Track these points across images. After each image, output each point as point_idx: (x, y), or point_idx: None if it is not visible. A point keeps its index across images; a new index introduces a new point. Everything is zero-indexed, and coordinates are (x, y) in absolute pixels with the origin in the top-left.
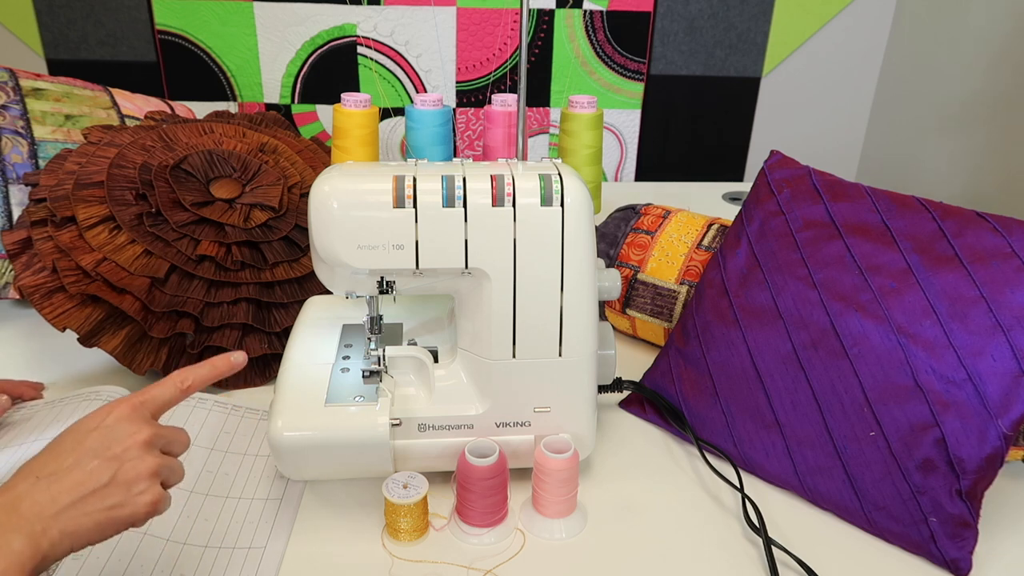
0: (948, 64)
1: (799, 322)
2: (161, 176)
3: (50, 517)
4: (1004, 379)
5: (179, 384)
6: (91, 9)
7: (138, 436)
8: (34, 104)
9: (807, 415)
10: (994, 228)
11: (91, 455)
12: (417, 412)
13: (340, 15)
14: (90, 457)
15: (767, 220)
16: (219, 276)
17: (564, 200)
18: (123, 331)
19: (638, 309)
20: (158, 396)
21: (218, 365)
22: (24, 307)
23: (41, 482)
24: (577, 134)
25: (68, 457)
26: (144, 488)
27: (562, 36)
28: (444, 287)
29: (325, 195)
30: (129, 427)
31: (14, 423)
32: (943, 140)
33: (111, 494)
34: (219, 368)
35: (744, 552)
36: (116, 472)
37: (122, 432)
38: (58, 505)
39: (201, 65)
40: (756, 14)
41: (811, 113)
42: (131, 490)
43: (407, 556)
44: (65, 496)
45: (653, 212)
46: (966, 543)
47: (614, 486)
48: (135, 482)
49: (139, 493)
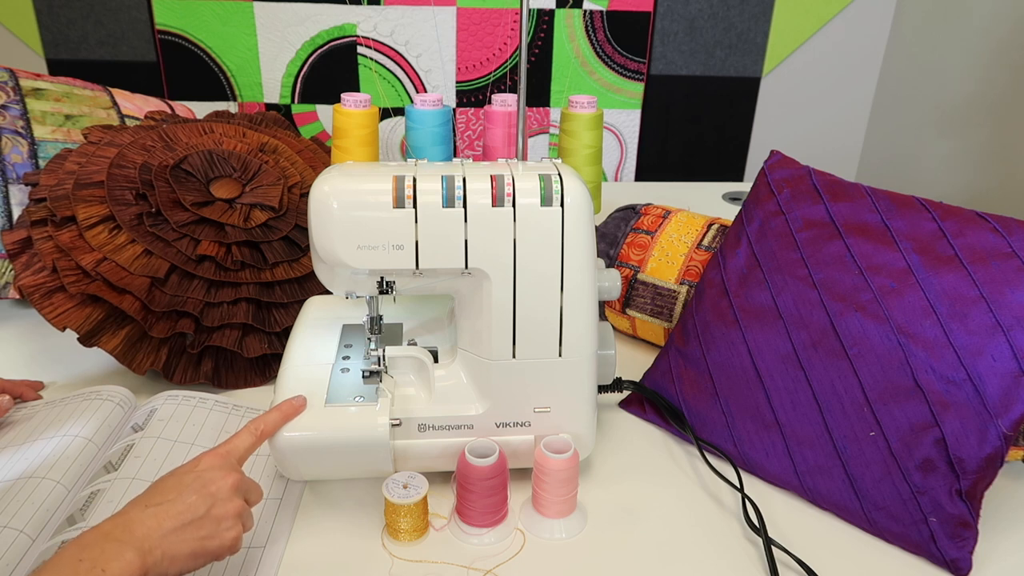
0: (948, 64)
1: (799, 322)
2: (161, 176)
3: (156, 539)
4: (1004, 379)
5: (255, 432)
6: (91, 9)
7: (228, 479)
8: (34, 104)
9: (807, 415)
10: (994, 228)
11: (190, 491)
12: (417, 412)
13: (340, 15)
14: (190, 493)
15: (767, 220)
16: (219, 276)
17: (564, 200)
18: (123, 331)
19: (638, 309)
20: (239, 445)
21: (285, 410)
22: (24, 307)
23: (150, 509)
24: (577, 134)
25: (171, 492)
26: (230, 525)
27: (562, 36)
28: (444, 287)
29: (325, 195)
30: (220, 472)
31: (14, 423)
32: (943, 140)
33: (205, 525)
34: (286, 413)
35: (744, 552)
36: (211, 507)
37: (215, 475)
38: (163, 529)
39: (201, 65)
40: (756, 14)
41: (811, 113)
42: (220, 525)
43: (407, 556)
44: (169, 522)
45: (653, 212)
46: (966, 543)
47: (614, 486)
48: (224, 518)
49: (227, 529)
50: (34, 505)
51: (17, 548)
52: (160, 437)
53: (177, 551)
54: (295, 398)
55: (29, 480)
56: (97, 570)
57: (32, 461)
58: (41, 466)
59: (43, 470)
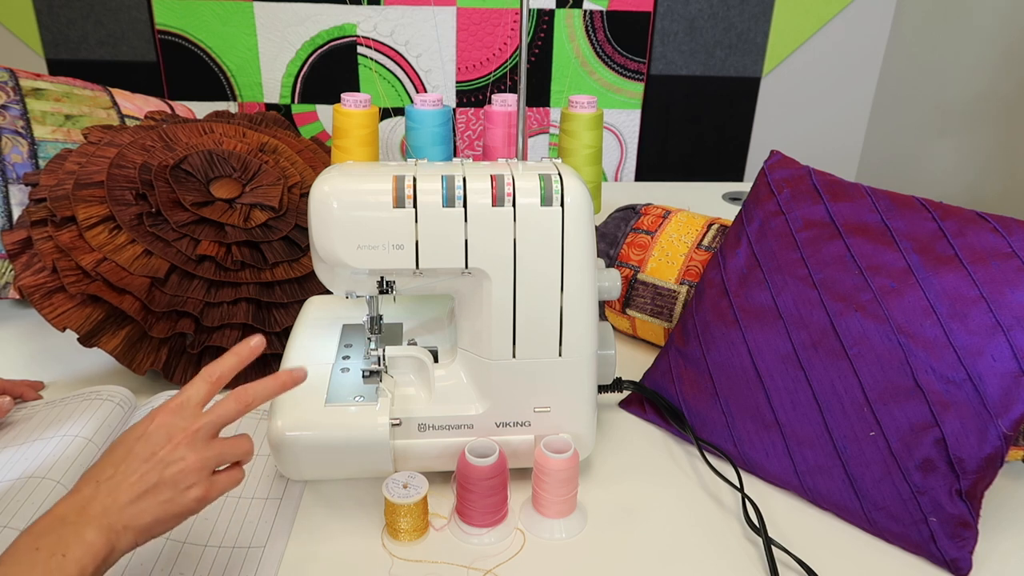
0: (948, 64)
1: (799, 322)
2: (161, 176)
3: (115, 513)
4: (1004, 379)
5: (208, 378)
6: (91, 9)
7: (177, 437)
8: (34, 104)
9: (807, 415)
10: (994, 228)
11: (139, 460)
12: (417, 412)
13: (340, 15)
14: (139, 462)
15: (767, 220)
16: (219, 276)
17: (564, 200)
18: (123, 331)
19: (638, 309)
20: (193, 395)
21: (283, 379)
22: (24, 307)
23: (102, 485)
24: (577, 134)
25: (121, 464)
26: (192, 482)
27: (562, 36)
28: (444, 287)
29: (325, 195)
30: (170, 430)
31: (14, 423)
32: (943, 140)
33: (163, 491)
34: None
35: (744, 552)
36: (163, 471)
37: (163, 437)
38: (119, 504)
39: (201, 65)
40: (756, 14)
41: (811, 113)
42: (179, 485)
43: (407, 556)
44: (124, 496)
45: (653, 212)
46: (966, 543)
47: (614, 486)
48: (182, 478)
49: (188, 487)
50: (34, 505)
51: None
52: None
53: (139, 522)
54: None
55: (29, 480)
56: (57, 556)
57: (32, 461)
58: (41, 466)
59: (43, 470)
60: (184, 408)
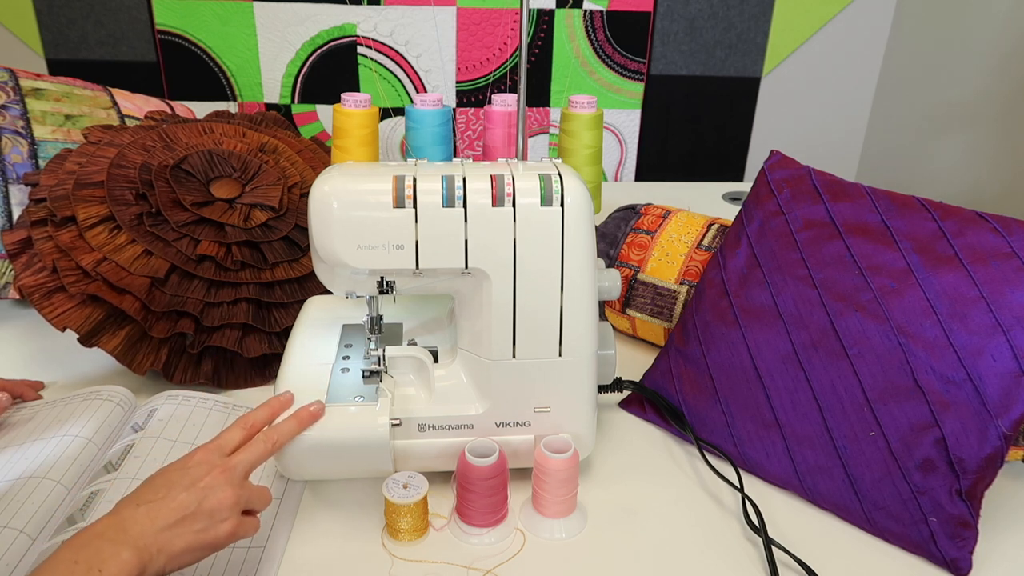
0: (948, 64)
1: (799, 322)
2: (161, 176)
3: (151, 536)
4: (1004, 379)
5: (244, 425)
6: (91, 9)
7: (216, 472)
8: (34, 104)
9: (807, 415)
10: (994, 228)
11: (179, 488)
12: (417, 412)
13: (340, 15)
14: (179, 489)
15: (767, 220)
16: (219, 276)
17: (564, 200)
18: (123, 331)
19: (638, 309)
20: (230, 439)
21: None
22: (24, 307)
23: (141, 508)
24: (577, 134)
25: (161, 490)
26: (225, 516)
27: (562, 36)
28: (444, 287)
29: (325, 195)
30: (209, 466)
31: (14, 423)
32: (943, 140)
33: (199, 519)
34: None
35: (744, 552)
36: (201, 501)
37: (204, 470)
38: (156, 527)
39: (201, 65)
40: (756, 14)
41: (811, 113)
42: (214, 517)
43: (407, 556)
44: (162, 519)
45: (653, 212)
46: (966, 543)
47: (614, 486)
48: (217, 511)
49: (221, 520)
50: (34, 505)
51: (17, 548)
52: (160, 437)
53: (173, 547)
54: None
55: (29, 480)
56: (94, 571)
57: (32, 461)
58: (41, 466)
59: (43, 470)
60: (222, 449)
